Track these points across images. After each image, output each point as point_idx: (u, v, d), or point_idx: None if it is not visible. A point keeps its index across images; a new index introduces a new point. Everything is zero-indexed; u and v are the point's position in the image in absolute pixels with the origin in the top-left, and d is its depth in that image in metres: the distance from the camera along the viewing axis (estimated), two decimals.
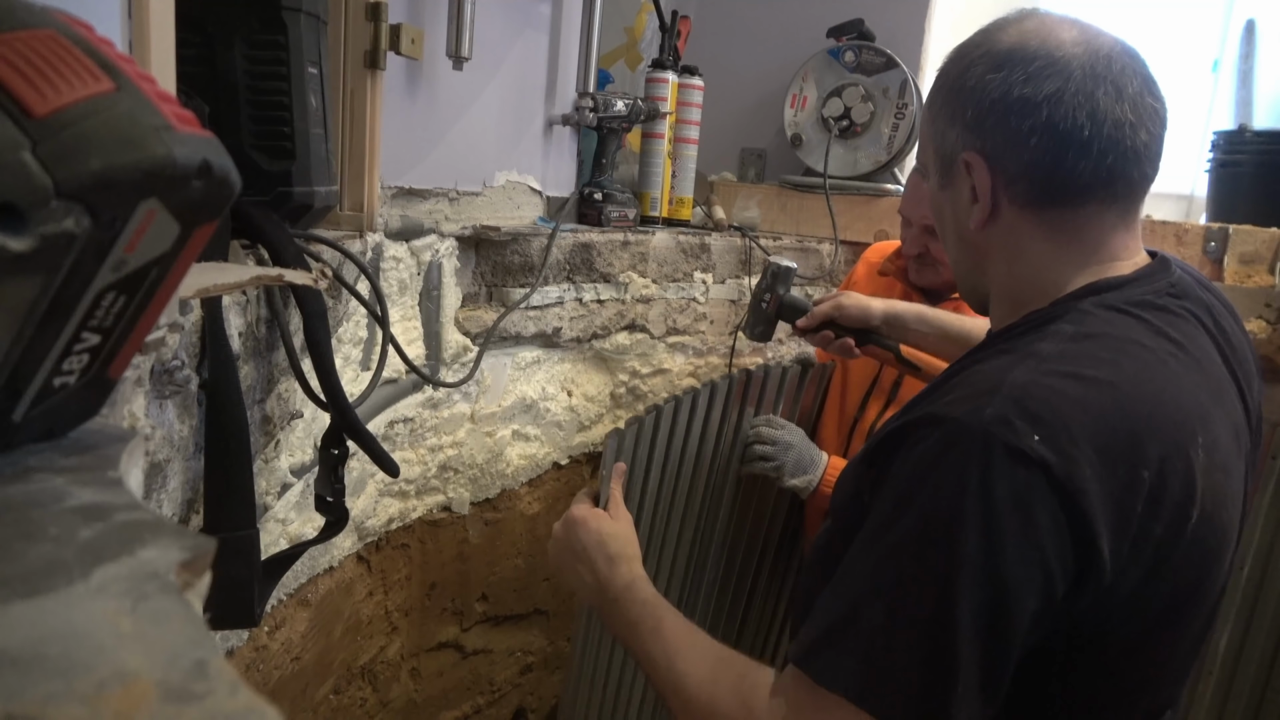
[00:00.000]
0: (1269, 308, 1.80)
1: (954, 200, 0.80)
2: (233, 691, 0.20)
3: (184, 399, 0.72)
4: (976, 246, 0.80)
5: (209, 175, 0.32)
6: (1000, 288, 0.81)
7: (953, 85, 0.77)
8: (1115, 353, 0.68)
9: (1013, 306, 0.79)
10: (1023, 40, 0.73)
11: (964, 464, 0.62)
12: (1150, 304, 0.73)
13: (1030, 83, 0.71)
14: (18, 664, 0.20)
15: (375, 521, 1.37)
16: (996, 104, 0.72)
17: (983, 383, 0.67)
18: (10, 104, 0.28)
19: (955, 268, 0.85)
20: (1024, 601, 0.61)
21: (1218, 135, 2.04)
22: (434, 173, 1.36)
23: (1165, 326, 0.71)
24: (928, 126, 0.81)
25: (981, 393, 0.65)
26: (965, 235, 0.80)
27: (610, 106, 1.71)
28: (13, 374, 0.32)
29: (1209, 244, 1.90)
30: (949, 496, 0.62)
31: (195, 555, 0.27)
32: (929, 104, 0.80)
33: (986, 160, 0.74)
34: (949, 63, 0.79)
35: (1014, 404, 0.63)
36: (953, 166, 0.78)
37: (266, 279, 0.70)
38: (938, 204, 0.83)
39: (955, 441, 0.63)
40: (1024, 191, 0.74)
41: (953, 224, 0.81)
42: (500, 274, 1.54)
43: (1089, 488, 0.61)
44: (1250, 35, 2.19)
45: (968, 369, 0.73)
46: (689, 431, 1.44)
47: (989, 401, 0.64)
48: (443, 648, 1.63)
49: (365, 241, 1.12)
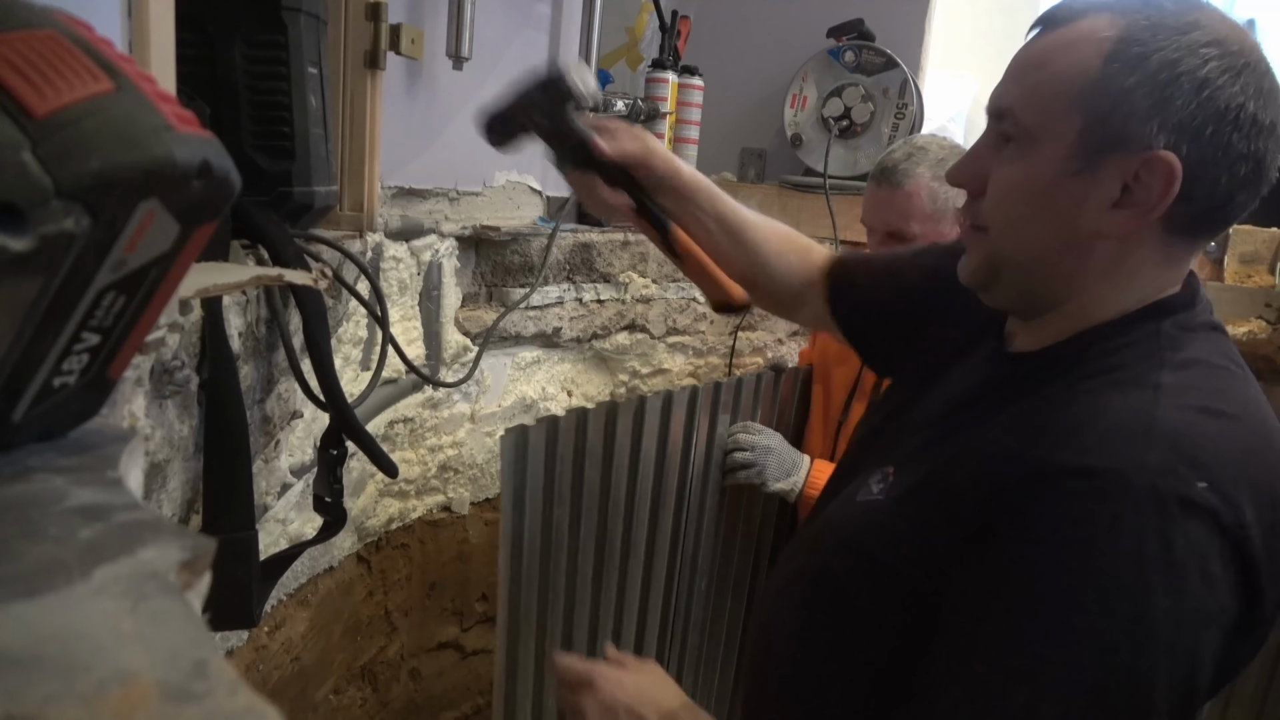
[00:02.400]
0: (1269, 308, 1.80)
1: (1084, 190, 0.65)
2: (233, 691, 0.20)
3: (184, 399, 0.72)
4: (1080, 251, 0.68)
5: (209, 175, 0.32)
6: (1079, 303, 0.70)
7: (1167, 63, 0.63)
8: (1223, 381, 0.64)
9: (1072, 322, 0.70)
10: (1251, 48, 0.64)
11: (1138, 522, 0.55)
12: (1211, 324, 0.69)
13: (1266, 107, 0.62)
14: (18, 664, 0.20)
15: (375, 521, 1.37)
16: (1224, 114, 0.61)
17: (1124, 424, 0.59)
18: (10, 104, 0.28)
19: (1023, 265, 0.70)
20: (1208, 667, 0.56)
21: None
22: (434, 172, 1.36)
23: (1228, 347, 0.68)
24: (1107, 90, 0.63)
25: (1133, 436, 0.58)
26: (1075, 235, 0.67)
27: (610, 106, 1.71)
28: (13, 374, 0.32)
29: (1209, 244, 1.90)
30: (1128, 562, 0.55)
31: (195, 555, 0.27)
32: (1137, 64, 0.63)
33: (1184, 168, 0.62)
34: (1156, 29, 0.63)
35: (1173, 449, 0.57)
36: (1116, 153, 0.64)
37: (266, 279, 0.70)
38: (1045, 182, 0.66)
39: (1121, 496, 0.56)
40: (1188, 215, 0.65)
41: (1062, 216, 0.67)
42: (500, 274, 1.54)
43: (1252, 533, 0.57)
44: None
45: (1061, 402, 0.65)
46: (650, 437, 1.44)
47: (1147, 447, 0.57)
48: (443, 648, 1.63)
49: (365, 241, 1.12)
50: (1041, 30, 0.69)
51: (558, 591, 1.46)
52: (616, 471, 1.45)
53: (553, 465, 1.36)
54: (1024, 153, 0.67)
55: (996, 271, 0.72)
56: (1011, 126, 0.68)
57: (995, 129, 0.70)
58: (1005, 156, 0.68)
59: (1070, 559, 0.56)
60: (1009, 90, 0.69)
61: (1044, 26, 0.69)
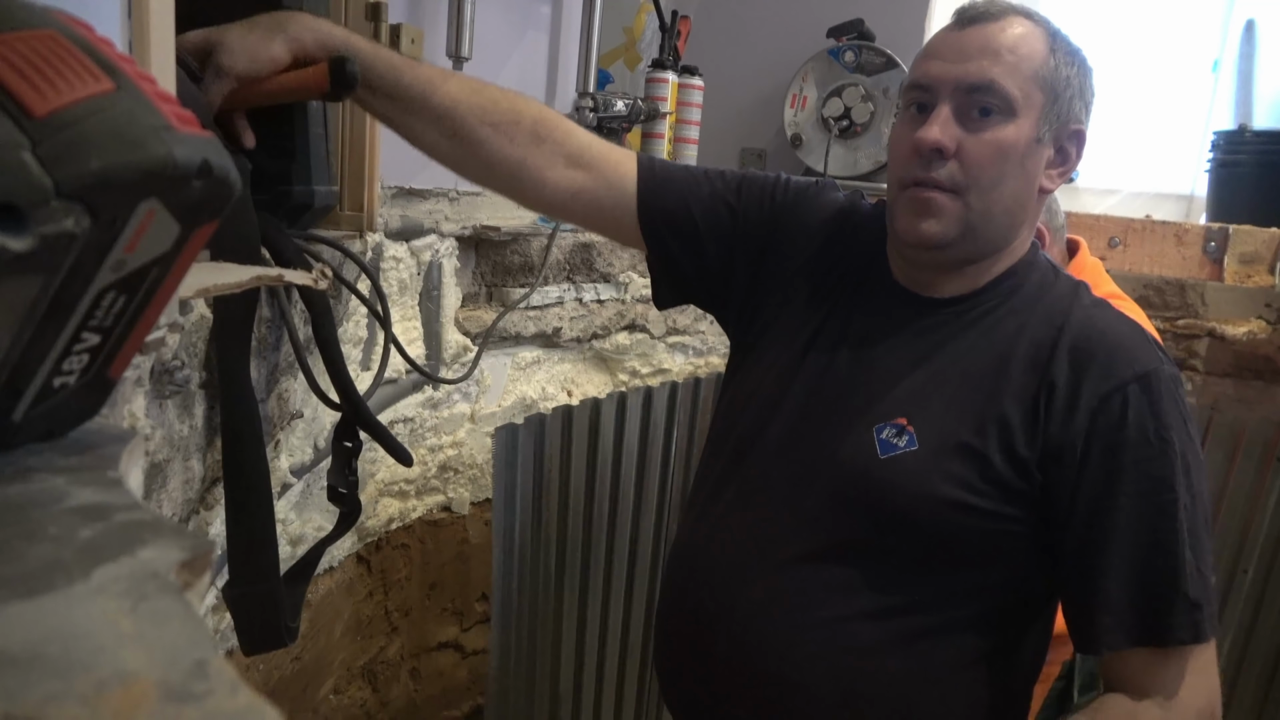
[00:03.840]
0: (1269, 308, 1.79)
1: (1041, 153, 0.83)
2: (233, 691, 0.20)
3: (184, 399, 0.72)
4: (1030, 204, 0.85)
5: (209, 175, 0.32)
6: (1010, 248, 0.87)
7: (1082, 58, 0.84)
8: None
9: (1000, 264, 0.87)
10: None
11: (1181, 402, 0.79)
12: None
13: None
14: (17, 664, 0.20)
15: (375, 522, 1.37)
16: (1092, 95, 0.85)
17: (1132, 333, 0.82)
18: (10, 104, 0.28)
19: (997, 218, 0.83)
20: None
21: (1218, 135, 2.04)
22: (434, 173, 1.35)
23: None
24: (1056, 76, 0.81)
25: (1142, 340, 0.82)
26: (1032, 190, 0.84)
27: (610, 106, 1.71)
28: (12, 374, 0.32)
29: (1209, 244, 1.90)
30: (1189, 428, 0.79)
31: (195, 555, 0.27)
32: (1071, 57, 0.83)
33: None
34: (1059, 32, 0.84)
35: (1154, 342, 0.82)
36: (1060, 125, 0.83)
37: (266, 279, 0.70)
38: (1022, 149, 0.81)
39: (1169, 385, 0.79)
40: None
41: (1028, 175, 0.83)
42: (500, 274, 1.54)
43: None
44: (1250, 35, 2.19)
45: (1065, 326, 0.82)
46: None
47: (1153, 345, 0.82)
48: (443, 648, 1.63)
49: (365, 241, 1.12)
50: (983, 21, 0.82)
51: (548, 585, 1.46)
52: (601, 466, 1.46)
53: (541, 463, 1.37)
54: (1006, 121, 0.80)
55: (972, 230, 0.83)
56: (995, 99, 0.80)
57: (967, 101, 0.80)
58: (989, 125, 0.80)
59: (1165, 442, 0.77)
60: (989, 67, 0.80)
61: (983, 19, 0.82)
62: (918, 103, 0.84)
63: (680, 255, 0.99)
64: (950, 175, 0.81)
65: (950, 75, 0.81)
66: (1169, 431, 0.77)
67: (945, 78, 0.81)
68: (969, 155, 0.80)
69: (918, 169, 0.82)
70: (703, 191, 0.99)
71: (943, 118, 0.80)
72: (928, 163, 0.81)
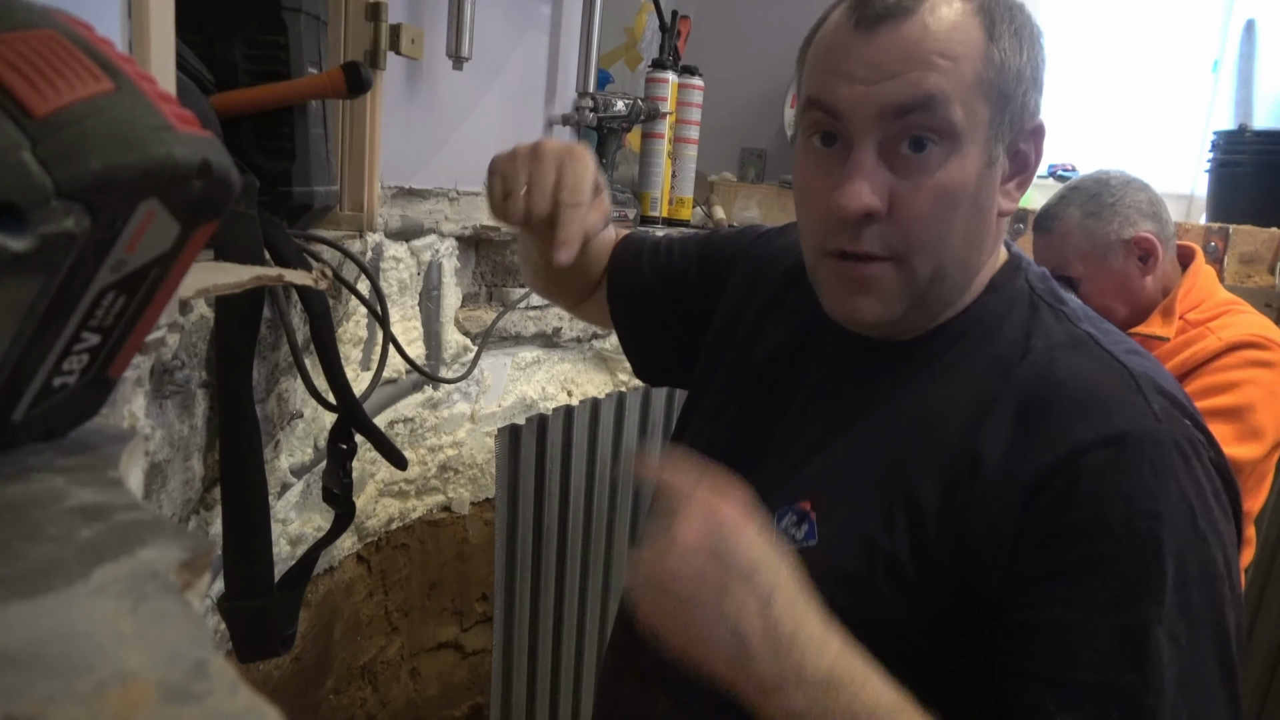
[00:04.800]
0: (1269, 308, 1.80)
1: (994, 176, 0.63)
2: (233, 691, 0.20)
3: (184, 399, 0.72)
4: (990, 236, 0.65)
5: (209, 175, 0.32)
6: (966, 280, 0.67)
7: (1033, 33, 0.63)
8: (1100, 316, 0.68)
9: (960, 299, 0.67)
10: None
11: (1174, 473, 0.55)
12: (1030, 262, 0.74)
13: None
14: (17, 664, 0.20)
15: (375, 522, 1.37)
16: (1043, 66, 0.64)
17: (1110, 383, 0.59)
18: (10, 104, 0.28)
19: (952, 274, 0.64)
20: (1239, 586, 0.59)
21: (1218, 135, 2.04)
22: (434, 173, 1.36)
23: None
24: (1003, 73, 0.61)
25: (1127, 393, 0.58)
26: (990, 223, 0.65)
27: (610, 106, 1.71)
28: (12, 374, 0.32)
29: (1209, 244, 1.90)
30: (1182, 515, 0.55)
31: (195, 555, 0.27)
32: (1016, 34, 0.61)
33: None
34: (1006, 6, 0.62)
35: (1159, 394, 0.58)
36: (1013, 130, 0.63)
37: (266, 279, 0.70)
38: (973, 185, 0.61)
39: (1153, 451, 0.56)
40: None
41: (984, 210, 0.63)
42: (500, 274, 1.54)
43: (1224, 458, 0.59)
44: (1250, 35, 2.19)
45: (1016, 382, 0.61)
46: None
47: (1146, 399, 0.58)
48: (443, 648, 1.63)
49: (365, 241, 1.12)
50: (899, 17, 0.60)
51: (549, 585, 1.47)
52: (601, 466, 1.47)
53: (543, 463, 1.37)
54: (948, 153, 0.60)
55: (920, 296, 0.64)
56: (931, 126, 0.59)
57: (893, 131, 0.60)
58: (927, 164, 0.60)
59: (1141, 527, 0.54)
60: (919, 82, 0.58)
61: (897, 13, 0.60)
62: (824, 131, 0.63)
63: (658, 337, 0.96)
64: (885, 241, 0.61)
65: (868, 101, 0.59)
66: (1151, 521, 0.54)
67: (861, 104, 0.60)
68: (906, 211, 0.61)
69: (841, 239, 0.62)
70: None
71: (866, 166, 0.60)
72: (854, 231, 0.62)
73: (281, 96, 0.85)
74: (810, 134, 0.64)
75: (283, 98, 0.85)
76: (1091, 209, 1.40)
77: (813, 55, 0.65)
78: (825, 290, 0.67)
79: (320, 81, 0.87)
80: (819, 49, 0.64)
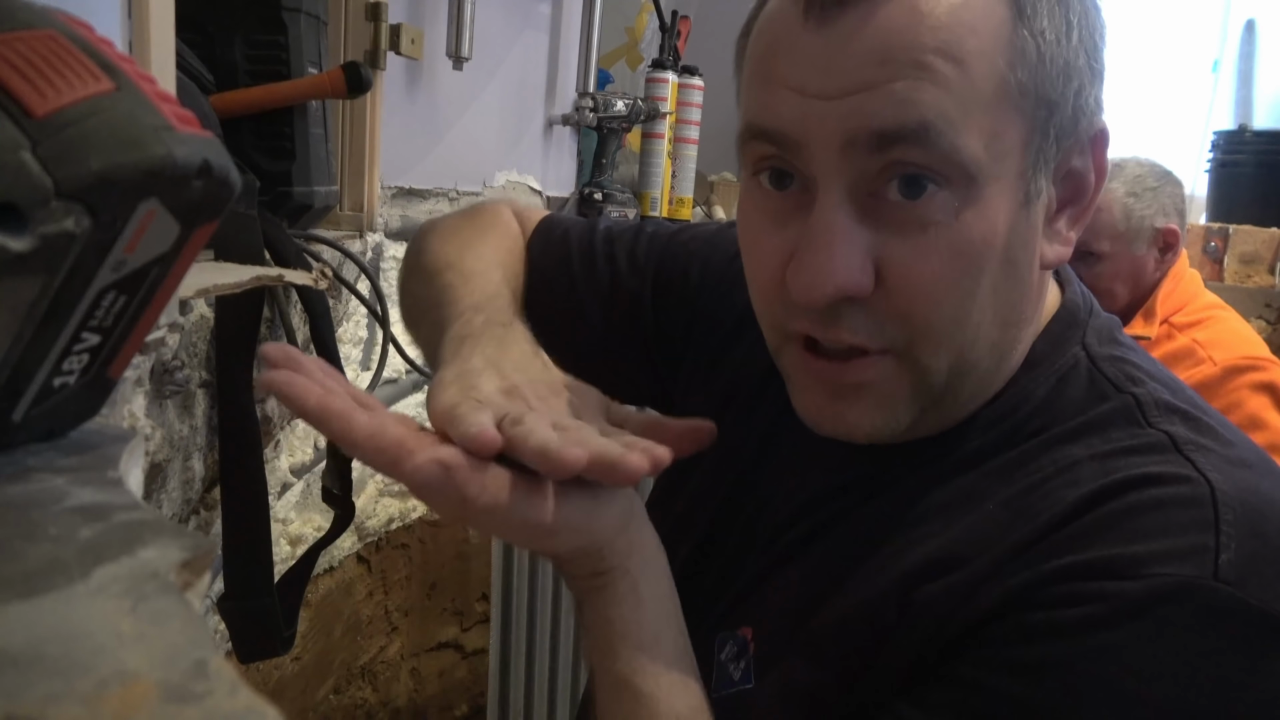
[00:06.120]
0: (1269, 308, 1.80)
1: (1034, 218, 0.44)
2: (233, 691, 0.20)
3: (184, 399, 0.72)
4: (1030, 293, 0.47)
5: (209, 175, 0.32)
6: (1001, 364, 0.48)
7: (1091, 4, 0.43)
8: (1199, 401, 0.48)
9: (973, 398, 0.48)
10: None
11: (1220, 652, 0.38)
12: (1099, 309, 0.54)
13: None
14: (17, 664, 0.20)
15: (375, 521, 1.37)
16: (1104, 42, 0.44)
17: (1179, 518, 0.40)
18: (10, 104, 0.28)
19: (978, 356, 0.45)
20: None
21: (1218, 135, 2.05)
22: (434, 173, 1.36)
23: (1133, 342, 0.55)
24: (1043, 66, 0.41)
25: (1191, 523, 0.40)
26: (1030, 281, 0.46)
27: (610, 106, 1.71)
28: (12, 374, 0.32)
29: (1209, 244, 1.90)
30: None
31: (195, 555, 0.27)
32: (1022, 18, 0.40)
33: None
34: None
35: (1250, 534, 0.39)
36: (1061, 147, 0.44)
37: (266, 279, 0.70)
38: (1002, 236, 0.42)
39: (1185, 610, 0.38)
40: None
41: (1019, 268, 0.44)
42: None
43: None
44: (1250, 35, 2.20)
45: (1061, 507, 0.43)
46: None
47: (1211, 539, 0.39)
48: (443, 648, 1.63)
49: (365, 241, 1.12)
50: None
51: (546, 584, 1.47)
52: None
53: None
54: (964, 201, 0.41)
55: (938, 399, 0.46)
56: (929, 162, 0.40)
57: (871, 168, 0.41)
58: (928, 212, 0.41)
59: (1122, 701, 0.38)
60: (911, 96, 0.39)
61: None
62: (773, 169, 0.45)
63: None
64: (875, 328, 0.43)
65: (829, 124, 0.40)
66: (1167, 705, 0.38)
67: (819, 129, 0.41)
68: (902, 283, 0.42)
69: (809, 323, 0.44)
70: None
71: (837, 225, 0.41)
72: (827, 316, 0.43)
73: (281, 96, 0.85)
74: (756, 169, 0.45)
75: (283, 98, 0.85)
76: (1135, 189, 1.38)
77: (750, 59, 0.45)
78: (795, 388, 0.48)
79: (320, 81, 0.87)
80: (755, 49, 0.45)
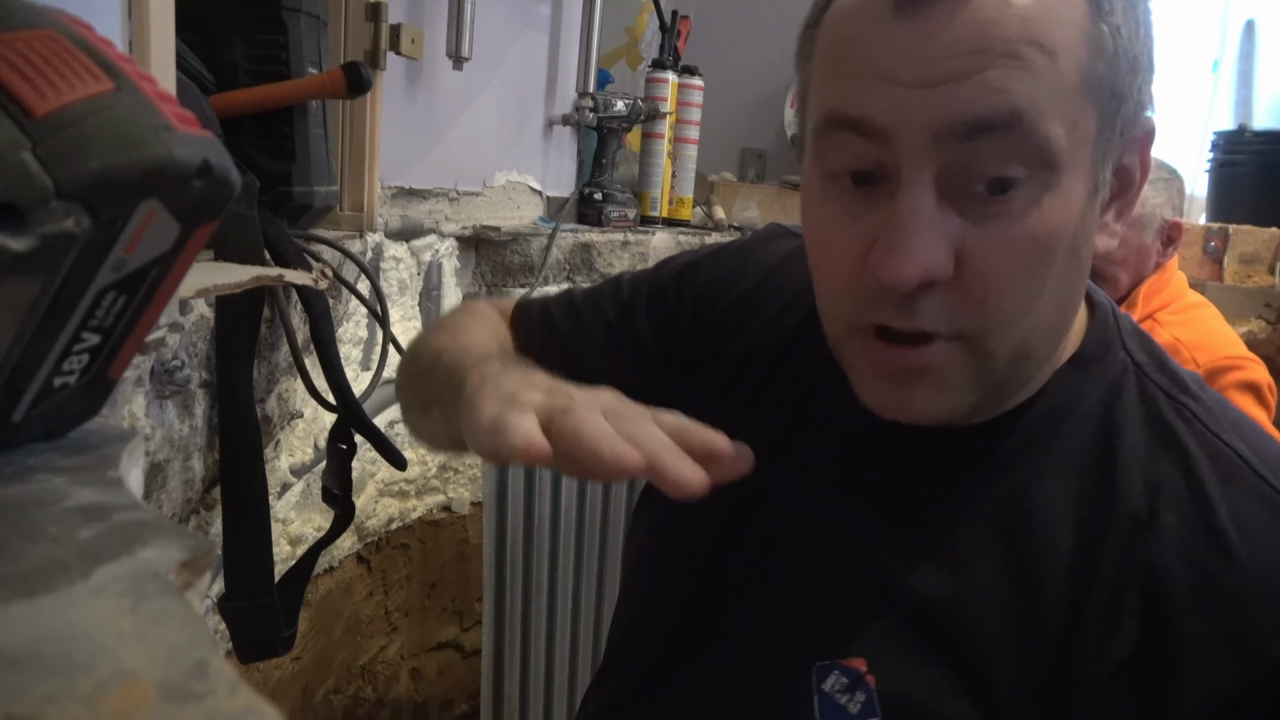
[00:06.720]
0: (1269, 308, 1.80)
1: (1096, 208, 0.46)
2: (233, 691, 0.20)
3: (184, 399, 0.72)
4: (1083, 285, 0.50)
5: (209, 175, 0.32)
6: (1053, 354, 0.50)
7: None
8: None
9: (1019, 387, 0.50)
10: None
11: None
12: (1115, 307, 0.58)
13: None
14: (17, 664, 0.20)
15: (375, 521, 1.37)
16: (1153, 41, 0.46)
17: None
18: (10, 104, 0.28)
19: (1036, 347, 0.47)
20: None
21: (1218, 135, 2.05)
22: (434, 173, 1.36)
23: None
24: (1115, 60, 0.43)
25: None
26: (1085, 270, 0.48)
27: (610, 106, 1.71)
28: (13, 374, 0.32)
29: (1209, 244, 1.90)
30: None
31: (195, 555, 0.27)
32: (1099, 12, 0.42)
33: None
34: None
35: None
36: (1129, 143, 0.47)
37: (266, 279, 0.70)
38: (1074, 225, 0.44)
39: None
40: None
41: (1084, 256, 0.47)
42: (500, 274, 1.54)
43: None
44: (1250, 35, 2.20)
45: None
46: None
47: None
48: (443, 648, 1.63)
49: (365, 241, 1.12)
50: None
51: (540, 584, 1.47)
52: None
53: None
54: (1045, 189, 0.42)
55: (998, 383, 0.47)
56: (1025, 152, 0.41)
57: (961, 159, 0.42)
58: (1013, 206, 0.42)
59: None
60: (1002, 84, 0.40)
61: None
62: (855, 170, 0.45)
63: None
64: (949, 315, 0.44)
65: (922, 114, 0.41)
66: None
67: (910, 119, 0.41)
68: (980, 273, 0.43)
69: (884, 313, 0.45)
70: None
71: (924, 212, 0.42)
72: (905, 304, 0.44)
73: (281, 96, 0.85)
74: (832, 166, 0.46)
75: (283, 98, 0.86)
76: (1150, 177, 1.40)
77: (825, 50, 0.46)
78: (860, 376, 0.49)
79: (320, 81, 0.87)
80: (832, 40, 0.45)
